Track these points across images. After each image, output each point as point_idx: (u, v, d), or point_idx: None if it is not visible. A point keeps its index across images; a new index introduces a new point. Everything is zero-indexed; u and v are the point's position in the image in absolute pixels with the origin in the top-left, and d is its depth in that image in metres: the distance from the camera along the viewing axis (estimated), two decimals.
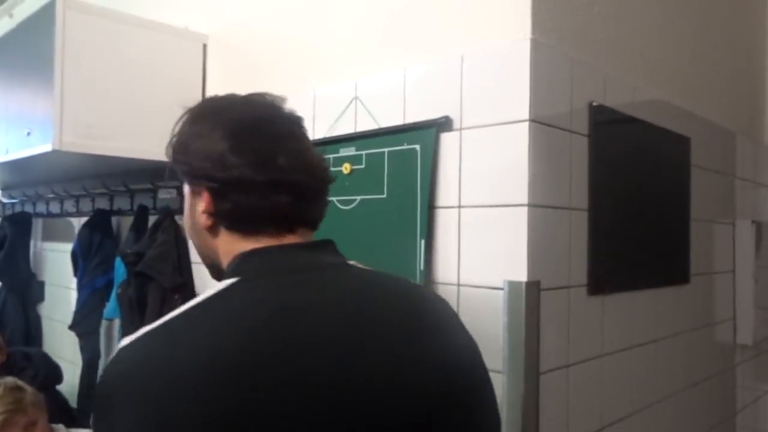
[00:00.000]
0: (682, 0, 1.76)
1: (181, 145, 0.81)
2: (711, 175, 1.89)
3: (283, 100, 0.84)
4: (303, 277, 0.74)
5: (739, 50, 2.19)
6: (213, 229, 0.80)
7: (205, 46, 1.95)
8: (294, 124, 0.83)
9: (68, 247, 2.62)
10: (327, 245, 0.82)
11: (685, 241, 1.71)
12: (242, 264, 0.74)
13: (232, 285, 0.71)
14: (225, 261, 0.78)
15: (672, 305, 1.65)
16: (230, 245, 0.78)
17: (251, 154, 0.75)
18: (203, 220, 0.79)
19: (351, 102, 1.46)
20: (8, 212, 3.02)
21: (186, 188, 0.84)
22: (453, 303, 1.11)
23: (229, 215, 0.77)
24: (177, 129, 0.84)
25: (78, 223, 2.61)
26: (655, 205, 1.56)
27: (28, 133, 1.74)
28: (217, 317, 0.67)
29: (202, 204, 0.78)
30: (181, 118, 0.84)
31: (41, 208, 2.81)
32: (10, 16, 3.33)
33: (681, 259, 1.70)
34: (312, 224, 0.83)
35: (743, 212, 2.10)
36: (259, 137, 0.77)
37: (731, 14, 2.13)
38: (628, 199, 1.43)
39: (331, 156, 1.46)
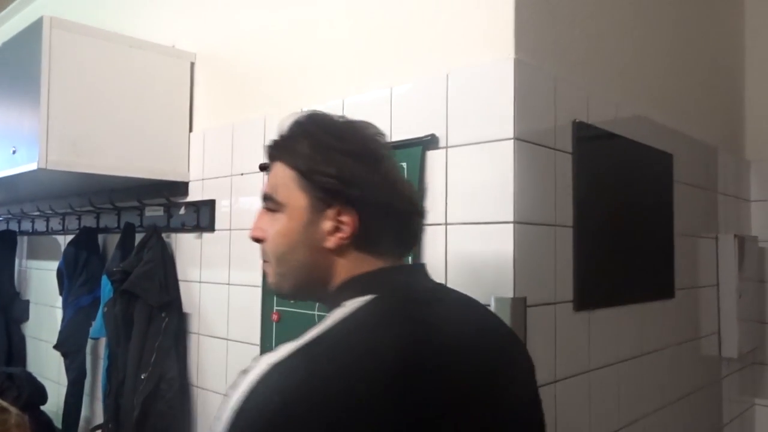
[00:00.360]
0: (661, 18, 1.80)
1: (326, 159, 0.78)
2: (694, 190, 1.91)
3: (383, 135, 0.85)
4: (429, 295, 0.81)
5: (718, 67, 2.24)
6: (339, 250, 0.79)
7: (192, 64, 1.96)
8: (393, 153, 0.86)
9: (54, 265, 2.59)
10: (424, 267, 0.88)
11: (669, 256, 1.73)
12: (374, 282, 0.77)
13: (375, 300, 0.74)
14: (339, 280, 0.80)
15: (657, 320, 1.67)
16: (354, 264, 0.79)
17: (390, 183, 0.79)
18: (334, 239, 0.78)
19: None
20: None
21: (296, 200, 0.79)
22: None
23: (370, 237, 0.78)
24: (299, 132, 0.81)
25: (64, 241, 2.59)
26: (639, 221, 1.58)
27: (14, 152, 1.74)
28: (372, 333, 0.70)
29: (329, 223, 0.78)
30: (293, 121, 0.82)
31: (26, 225, 2.78)
32: None
33: (665, 274, 1.72)
34: (408, 251, 0.90)
35: (726, 226, 2.13)
36: (389, 166, 0.81)
37: (710, 31, 2.17)
38: (612, 215, 1.45)
39: None
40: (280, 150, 0.83)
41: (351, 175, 0.76)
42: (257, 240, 0.86)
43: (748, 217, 2.36)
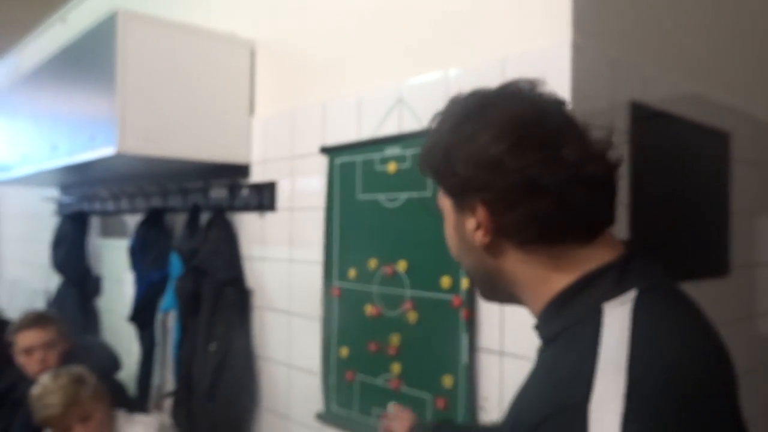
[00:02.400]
0: None
1: (443, 154, 0.71)
2: (753, 168, 1.89)
3: (542, 82, 0.73)
4: (671, 286, 0.69)
5: None
6: (492, 248, 0.70)
7: (253, 51, 2.04)
8: (564, 107, 0.72)
9: (122, 243, 2.76)
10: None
11: (725, 234, 1.73)
12: (607, 282, 0.65)
13: (642, 296, 0.63)
14: (523, 283, 0.71)
15: (712, 297, 1.67)
16: (527, 264, 0.69)
17: (534, 153, 0.65)
18: (478, 238, 0.70)
19: (396, 103, 1.52)
20: (67, 211, 3.18)
21: (446, 204, 0.75)
22: None
23: (518, 228, 0.67)
24: (431, 136, 0.74)
25: (132, 220, 2.75)
26: (695, 200, 1.59)
27: (92, 138, 1.86)
28: (675, 323, 0.63)
29: (473, 221, 0.70)
30: (432, 123, 0.75)
31: (97, 206, 2.95)
32: (63, 21, 3.51)
33: (721, 252, 1.72)
34: (612, 221, 0.71)
35: None
36: (538, 132, 0.67)
37: None
38: (667, 193, 1.46)
39: (377, 155, 1.53)
40: (420, 160, 0.77)
41: (467, 165, 0.68)
42: None
43: None
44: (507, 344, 1.27)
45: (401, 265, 1.45)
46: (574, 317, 0.65)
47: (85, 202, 3.05)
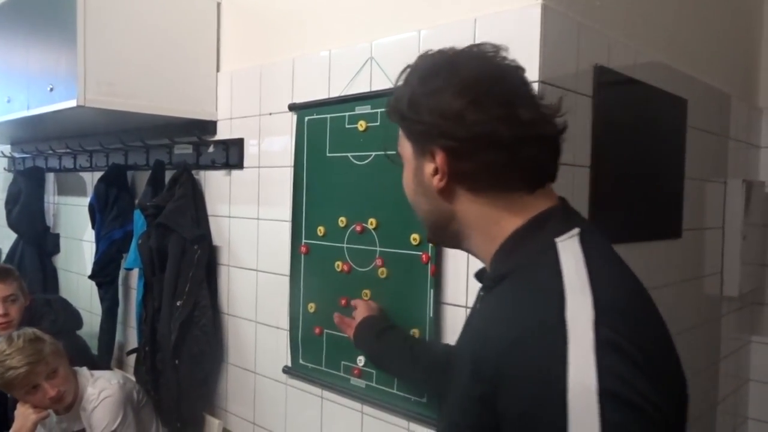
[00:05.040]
0: None
1: (411, 103, 0.77)
2: (706, 136, 1.97)
3: (504, 48, 0.79)
4: (597, 228, 0.79)
5: (736, 15, 2.25)
6: (447, 192, 0.77)
7: (218, 5, 1.99)
8: (523, 73, 0.79)
9: (81, 201, 2.70)
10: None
11: (679, 198, 1.81)
12: (554, 222, 0.74)
13: (583, 233, 0.73)
14: (474, 226, 0.78)
15: (665, 258, 1.76)
16: (478, 209, 0.77)
17: (493, 110, 0.72)
18: (435, 182, 0.77)
19: (366, 62, 1.52)
20: (20, 167, 3.08)
21: (407, 150, 0.82)
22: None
23: (473, 176, 0.75)
24: (400, 87, 0.80)
25: (91, 178, 2.68)
26: (653, 163, 1.65)
27: (51, 89, 1.80)
28: (614, 254, 0.75)
29: (432, 165, 0.76)
30: (401, 75, 0.81)
31: (54, 163, 2.87)
32: None
33: (675, 215, 1.80)
34: (554, 177, 0.80)
35: (735, 172, 2.20)
36: (498, 91, 0.74)
37: None
38: (627, 156, 1.52)
39: (346, 114, 1.54)
40: (389, 107, 0.83)
41: (432, 114, 0.74)
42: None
43: (757, 163, 2.42)
44: (471, 299, 1.32)
45: (371, 223, 1.48)
46: (530, 254, 0.73)
47: (40, 158, 2.96)
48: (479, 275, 0.86)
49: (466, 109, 0.72)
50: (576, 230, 0.73)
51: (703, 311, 2.07)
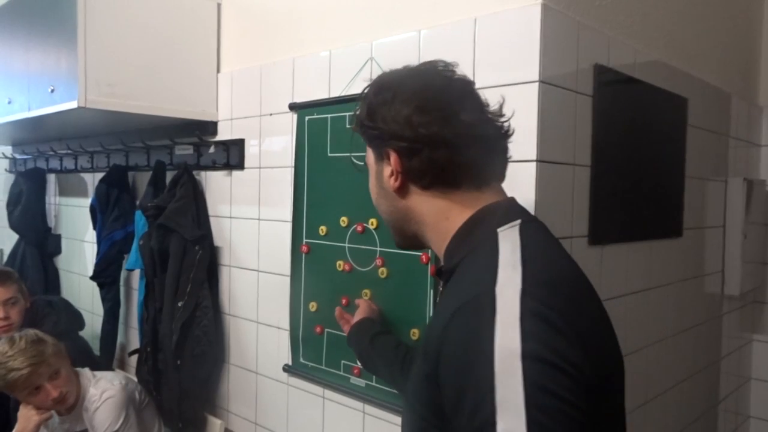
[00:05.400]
0: None
1: (368, 113, 0.87)
2: (706, 134, 1.97)
3: (454, 65, 0.89)
4: (542, 223, 0.88)
5: (736, 14, 2.25)
6: (402, 191, 0.87)
7: (219, 5, 2.00)
8: (468, 84, 0.89)
9: (83, 202, 2.70)
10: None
11: (679, 197, 1.81)
12: (498, 215, 0.82)
13: (524, 224, 0.80)
14: (427, 222, 0.87)
15: (665, 256, 1.76)
16: (429, 204, 0.85)
17: (435, 113, 0.82)
18: (391, 182, 0.86)
19: (366, 62, 1.52)
20: (21, 168, 3.09)
21: (370, 158, 0.91)
22: None
23: (421, 172, 0.84)
24: (361, 102, 0.90)
25: (92, 179, 2.69)
26: (653, 162, 1.65)
27: (52, 90, 1.81)
28: (551, 239, 0.85)
29: (389, 168, 0.86)
30: (363, 91, 0.91)
31: (54, 164, 2.87)
32: None
33: (675, 214, 1.80)
34: (502, 176, 0.90)
35: (735, 170, 2.20)
36: (441, 98, 0.84)
37: None
38: (627, 155, 1.52)
39: (346, 114, 1.54)
40: (354, 118, 0.92)
41: (385, 120, 0.84)
42: None
43: (758, 161, 2.42)
44: None
45: (372, 223, 1.48)
46: (476, 242, 0.81)
47: (41, 159, 2.96)
48: (438, 272, 0.92)
49: (413, 114, 0.82)
50: (518, 221, 0.80)
51: (704, 310, 2.07)
